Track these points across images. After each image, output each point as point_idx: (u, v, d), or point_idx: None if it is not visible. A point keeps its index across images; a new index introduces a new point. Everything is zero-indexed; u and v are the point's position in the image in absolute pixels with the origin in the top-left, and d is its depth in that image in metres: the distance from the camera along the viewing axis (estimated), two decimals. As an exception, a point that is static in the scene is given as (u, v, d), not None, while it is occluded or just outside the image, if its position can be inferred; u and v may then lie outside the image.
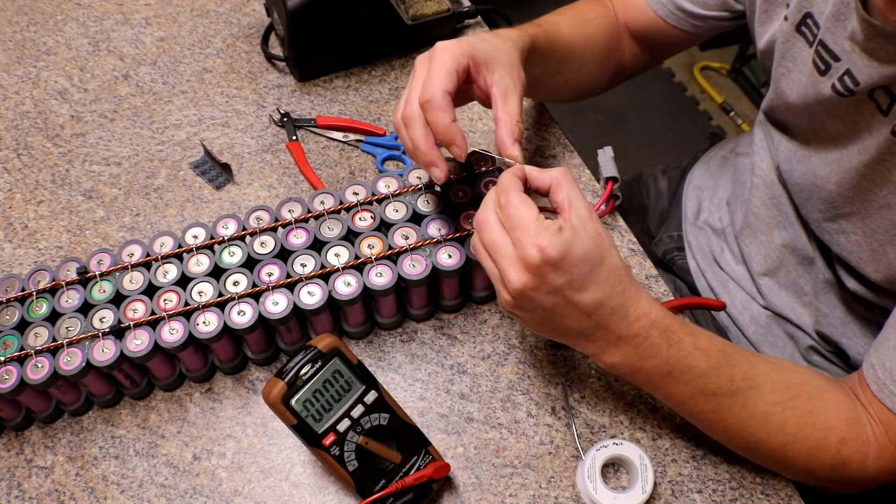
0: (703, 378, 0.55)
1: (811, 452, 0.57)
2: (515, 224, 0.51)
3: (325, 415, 0.56)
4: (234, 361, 0.67)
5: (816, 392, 0.58)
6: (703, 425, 0.60)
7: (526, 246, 0.50)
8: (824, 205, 0.65)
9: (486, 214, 0.54)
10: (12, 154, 0.85)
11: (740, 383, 0.56)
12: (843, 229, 0.64)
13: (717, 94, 2.16)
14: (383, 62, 0.93)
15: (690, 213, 0.90)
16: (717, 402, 0.56)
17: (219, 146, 0.85)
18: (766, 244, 0.76)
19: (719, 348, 0.57)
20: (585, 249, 0.51)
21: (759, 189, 0.76)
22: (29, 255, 0.77)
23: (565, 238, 0.50)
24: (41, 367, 0.60)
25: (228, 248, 0.66)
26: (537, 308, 0.53)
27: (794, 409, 0.57)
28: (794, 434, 0.56)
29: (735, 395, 0.56)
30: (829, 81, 0.60)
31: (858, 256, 0.64)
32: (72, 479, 0.63)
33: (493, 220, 0.53)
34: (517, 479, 0.62)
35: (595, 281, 0.52)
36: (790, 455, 0.57)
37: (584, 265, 0.51)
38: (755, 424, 0.57)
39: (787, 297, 0.76)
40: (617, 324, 0.53)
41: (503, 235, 0.52)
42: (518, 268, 0.51)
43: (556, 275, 0.50)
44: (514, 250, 0.51)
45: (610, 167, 0.75)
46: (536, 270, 0.50)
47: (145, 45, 0.96)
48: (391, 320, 0.69)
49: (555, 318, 0.53)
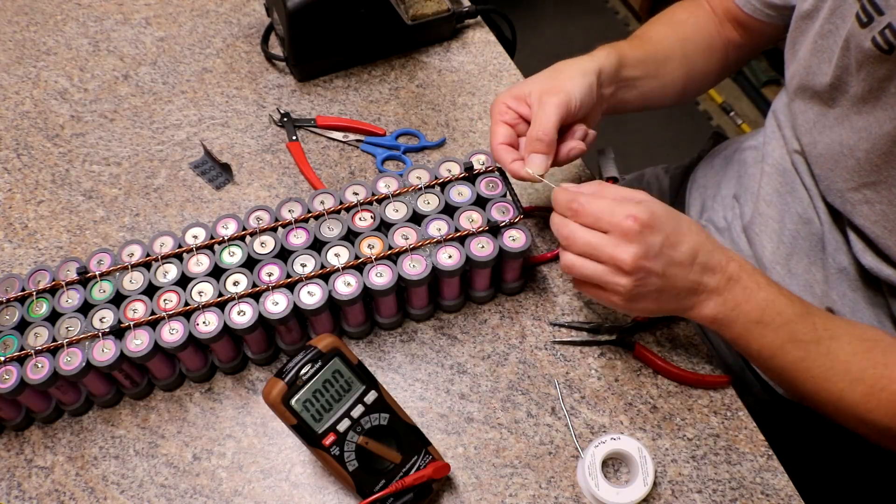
0: (791, 325, 0.58)
1: (890, 406, 0.57)
2: (599, 214, 0.56)
3: (325, 415, 0.56)
4: (234, 361, 0.67)
5: (891, 347, 0.59)
6: (790, 379, 0.61)
7: (621, 222, 0.55)
8: (850, 173, 0.65)
9: (566, 230, 0.58)
10: (12, 154, 0.85)
11: (822, 332, 0.58)
12: (868, 199, 0.64)
13: (717, 94, 2.16)
14: (383, 62, 0.93)
15: (694, 212, 0.90)
16: (804, 349, 0.58)
17: (219, 146, 0.85)
18: (779, 231, 0.76)
19: (798, 298, 0.60)
20: (663, 207, 0.57)
21: (772, 177, 0.76)
22: (29, 255, 0.77)
23: (645, 203, 0.56)
24: (41, 367, 0.60)
25: (228, 248, 0.66)
26: (652, 277, 0.56)
27: (871, 361, 0.58)
28: (872, 385, 0.57)
29: (819, 342, 0.58)
30: (869, 34, 0.59)
31: (883, 226, 0.64)
32: (72, 479, 0.63)
33: (575, 227, 0.57)
34: (517, 479, 0.62)
35: (684, 233, 0.57)
36: (871, 407, 0.58)
37: (670, 221, 0.56)
38: (839, 374, 0.58)
39: (798, 285, 0.76)
40: (713, 269, 0.58)
41: (592, 234, 0.56)
42: (623, 244, 0.55)
43: (654, 236, 0.55)
44: (610, 237, 0.55)
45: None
46: (639, 237, 0.54)
47: (145, 45, 0.96)
48: (391, 320, 0.69)
49: (667, 283, 0.57)
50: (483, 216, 0.67)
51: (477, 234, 0.65)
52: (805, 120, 0.70)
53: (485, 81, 0.91)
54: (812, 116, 0.70)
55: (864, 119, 0.62)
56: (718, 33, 0.83)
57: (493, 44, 0.95)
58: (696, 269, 0.57)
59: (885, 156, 0.61)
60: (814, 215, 0.73)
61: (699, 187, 0.92)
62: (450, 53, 0.94)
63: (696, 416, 0.65)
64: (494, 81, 0.91)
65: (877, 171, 0.62)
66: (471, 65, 0.93)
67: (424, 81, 0.91)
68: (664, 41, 0.79)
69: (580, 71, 0.65)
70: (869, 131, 0.62)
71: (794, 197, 0.74)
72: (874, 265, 0.66)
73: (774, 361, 0.60)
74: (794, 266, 0.76)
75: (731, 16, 0.82)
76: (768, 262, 0.78)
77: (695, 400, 0.66)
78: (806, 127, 0.70)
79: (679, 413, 0.65)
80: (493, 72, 0.92)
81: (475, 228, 0.66)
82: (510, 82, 0.91)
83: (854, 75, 0.63)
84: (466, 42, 0.95)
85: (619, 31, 2.37)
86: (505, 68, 0.92)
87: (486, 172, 0.70)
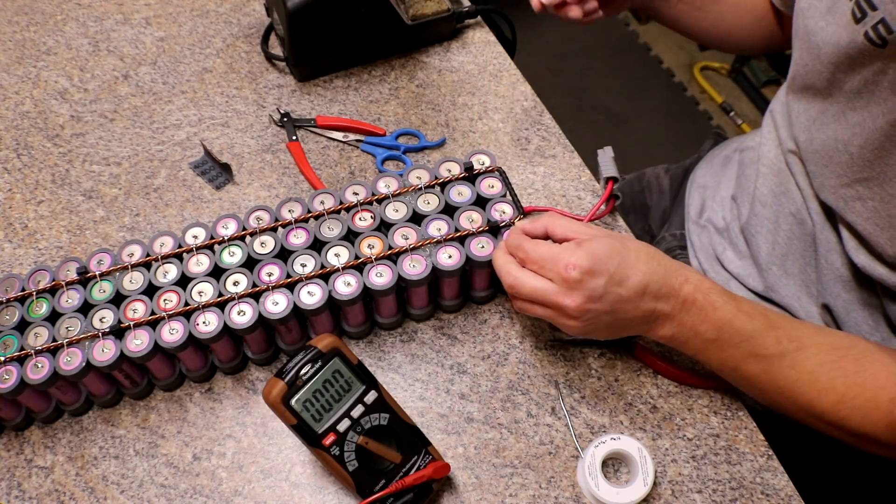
0: (751, 341, 0.58)
1: (864, 413, 0.57)
2: (542, 261, 0.57)
3: (325, 415, 0.56)
4: (234, 361, 0.67)
5: (865, 354, 0.59)
6: (757, 390, 0.61)
7: (562, 271, 0.56)
8: (843, 169, 0.65)
9: (513, 276, 0.59)
10: (12, 154, 0.85)
11: (787, 344, 0.58)
12: (860, 195, 0.64)
13: (717, 94, 2.16)
14: (383, 62, 0.93)
15: (693, 212, 0.90)
16: (766, 363, 0.58)
17: (219, 146, 0.85)
18: (774, 232, 0.76)
19: (761, 312, 0.59)
20: (606, 246, 0.57)
21: (767, 178, 0.76)
22: (29, 255, 0.77)
23: (585, 247, 0.57)
24: (41, 367, 0.60)
25: (228, 248, 0.66)
26: (601, 315, 0.57)
27: (841, 370, 0.58)
28: (843, 393, 0.57)
29: (783, 356, 0.58)
30: (862, 29, 0.60)
31: (875, 223, 0.64)
32: (72, 479, 0.63)
33: (519, 275, 0.59)
34: (517, 479, 0.62)
35: (629, 266, 0.57)
36: (843, 415, 0.58)
37: (613, 259, 0.56)
38: (805, 385, 0.58)
39: (794, 286, 0.76)
40: (666, 296, 0.58)
41: (536, 282, 0.58)
42: (566, 292, 0.56)
43: (597, 279, 0.56)
44: (553, 284, 0.57)
45: (610, 167, 0.75)
46: (580, 285, 0.55)
47: (145, 45, 0.96)
48: (391, 320, 0.69)
49: (618, 317, 0.58)
50: (483, 216, 0.67)
51: (477, 234, 0.65)
52: (805, 118, 0.71)
53: (485, 81, 0.91)
54: (812, 114, 0.70)
55: (858, 114, 0.63)
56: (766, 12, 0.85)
57: (493, 44, 0.95)
58: (648, 298, 0.57)
59: (877, 151, 0.61)
60: (807, 216, 0.73)
61: (699, 187, 0.92)
62: (450, 53, 0.94)
63: (696, 416, 0.65)
64: (494, 81, 0.91)
65: (869, 167, 0.63)
66: (471, 65, 0.93)
67: (424, 81, 0.91)
68: None
69: None
70: (863, 126, 0.62)
71: (788, 198, 0.74)
72: (867, 264, 0.66)
73: (737, 373, 0.60)
74: (789, 267, 0.76)
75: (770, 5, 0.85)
76: (764, 263, 0.78)
77: (695, 400, 0.66)
78: (805, 124, 0.71)
79: (679, 413, 0.66)
80: (493, 72, 0.92)
81: (475, 228, 0.66)
82: (510, 82, 0.91)
83: (845, 72, 0.63)
84: (466, 42, 0.95)
85: (619, 31, 2.37)
86: (505, 68, 0.92)
87: (486, 172, 0.70)
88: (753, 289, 0.81)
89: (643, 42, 2.33)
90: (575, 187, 0.80)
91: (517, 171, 0.81)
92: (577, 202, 0.79)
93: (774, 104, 0.80)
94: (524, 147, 0.84)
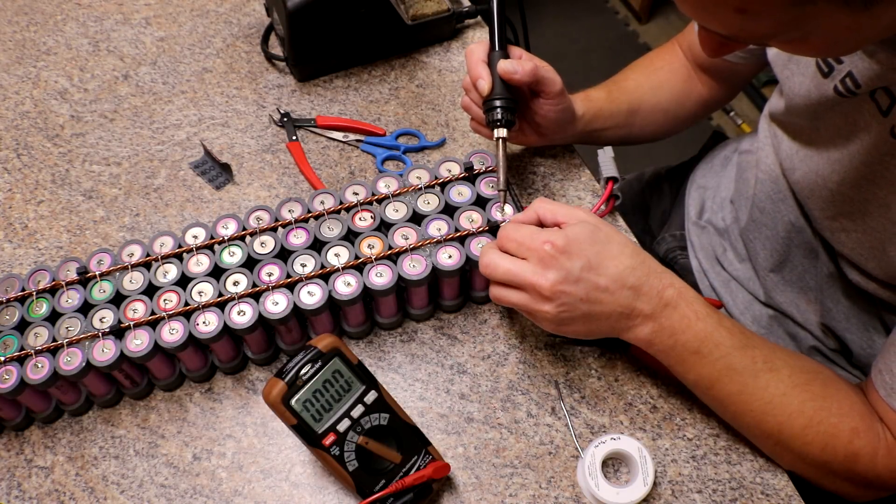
0: (729, 356, 0.57)
1: (826, 439, 0.57)
2: (520, 240, 0.57)
3: (325, 415, 0.56)
4: (234, 361, 0.67)
5: (830, 380, 0.60)
6: (730, 412, 0.60)
7: (538, 248, 0.55)
8: (825, 203, 0.66)
9: (486, 258, 0.59)
10: (12, 154, 0.85)
11: (762, 364, 0.58)
12: (844, 227, 0.65)
13: (717, 94, 2.16)
14: (383, 62, 0.93)
15: (693, 213, 0.90)
16: (742, 382, 0.58)
17: (219, 146, 0.85)
18: (773, 238, 0.76)
19: (739, 329, 0.59)
20: (588, 232, 0.56)
21: (765, 184, 0.76)
22: (29, 255, 0.77)
23: (567, 230, 0.56)
24: (41, 367, 0.60)
25: (228, 248, 0.66)
26: (577, 303, 0.56)
27: (811, 393, 0.58)
28: (811, 417, 0.57)
29: (757, 376, 0.58)
30: (831, 83, 0.61)
31: (860, 253, 0.64)
32: (72, 479, 0.63)
33: (494, 255, 0.58)
34: (517, 479, 0.62)
35: (608, 257, 0.56)
36: (808, 439, 0.58)
37: (593, 246, 0.56)
38: (777, 407, 0.58)
39: (793, 292, 0.76)
40: (647, 294, 0.57)
41: (511, 262, 0.57)
42: (541, 270, 0.55)
43: (572, 261, 0.55)
44: (529, 264, 0.56)
45: (610, 167, 0.75)
46: (555, 263, 0.55)
47: (145, 45, 0.96)
48: (391, 320, 0.69)
49: (594, 308, 0.57)
50: (483, 216, 0.67)
51: (477, 234, 0.65)
52: (786, 147, 0.71)
53: (485, 81, 0.91)
54: (788, 145, 0.71)
55: (838, 151, 0.63)
56: (692, 78, 0.85)
57: (493, 44, 0.95)
58: (626, 293, 0.56)
59: (855, 188, 0.62)
60: (805, 224, 0.73)
61: (699, 188, 0.92)
62: (450, 53, 0.94)
63: (696, 416, 0.65)
64: (494, 81, 0.91)
65: (850, 203, 0.63)
66: (471, 65, 0.93)
67: (424, 81, 0.91)
68: (637, 90, 0.82)
69: None
70: (841, 163, 0.63)
71: (786, 205, 0.74)
72: (860, 281, 0.67)
73: (712, 392, 0.60)
74: (787, 273, 0.76)
75: (701, 60, 0.84)
76: (763, 268, 0.78)
77: (695, 400, 0.66)
78: (787, 153, 0.71)
79: (679, 413, 0.65)
80: (493, 72, 0.92)
81: (475, 228, 0.66)
82: (510, 82, 0.91)
83: (820, 117, 0.64)
84: (466, 42, 0.95)
85: (619, 31, 2.37)
86: (505, 68, 0.92)
87: (486, 172, 0.70)
88: (752, 291, 0.81)
89: (643, 42, 2.33)
90: (575, 187, 0.80)
91: (517, 171, 0.81)
92: (577, 202, 0.79)
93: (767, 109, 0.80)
94: (524, 147, 0.84)
